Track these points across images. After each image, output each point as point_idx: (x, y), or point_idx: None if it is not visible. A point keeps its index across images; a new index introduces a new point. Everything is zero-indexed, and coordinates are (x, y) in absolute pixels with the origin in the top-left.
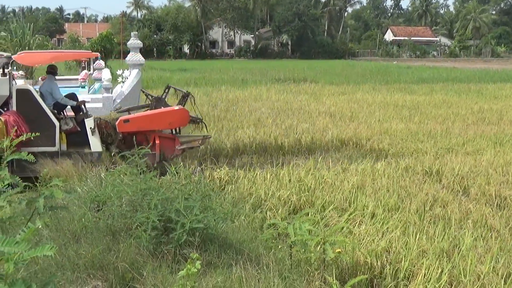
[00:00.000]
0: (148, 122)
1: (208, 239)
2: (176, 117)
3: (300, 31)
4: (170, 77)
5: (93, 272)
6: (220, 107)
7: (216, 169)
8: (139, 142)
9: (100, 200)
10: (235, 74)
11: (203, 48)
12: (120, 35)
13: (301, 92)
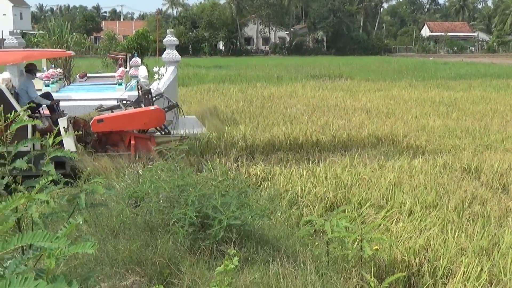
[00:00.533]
0: (122, 122)
1: (245, 235)
2: (152, 117)
3: (335, 27)
4: (206, 74)
5: (131, 267)
6: (255, 103)
7: (252, 166)
8: (114, 142)
9: (138, 196)
10: (270, 71)
11: (238, 45)
12: (156, 32)
13: (336, 89)
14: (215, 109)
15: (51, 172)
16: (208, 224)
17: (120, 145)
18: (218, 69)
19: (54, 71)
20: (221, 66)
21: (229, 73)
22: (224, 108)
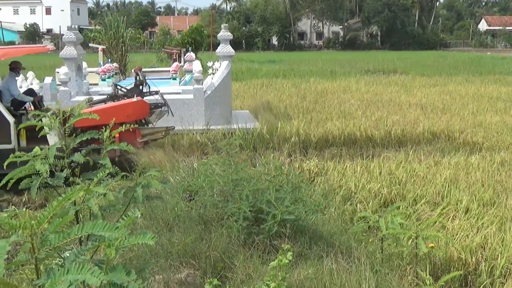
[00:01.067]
0: (105, 115)
1: (299, 230)
2: (135, 109)
3: (390, 22)
4: (259, 68)
5: (185, 260)
6: (308, 98)
7: (306, 161)
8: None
9: (192, 190)
10: (323, 66)
11: (292, 39)
12: (209, 27)
13: (391, 84)
14: (268, 104)
15: (107, 165)
16: (262, 218)
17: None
18: (271, 63)
19: (110, 66)
20: (274, 60)
21: (282, 68)
22: (277, 103)
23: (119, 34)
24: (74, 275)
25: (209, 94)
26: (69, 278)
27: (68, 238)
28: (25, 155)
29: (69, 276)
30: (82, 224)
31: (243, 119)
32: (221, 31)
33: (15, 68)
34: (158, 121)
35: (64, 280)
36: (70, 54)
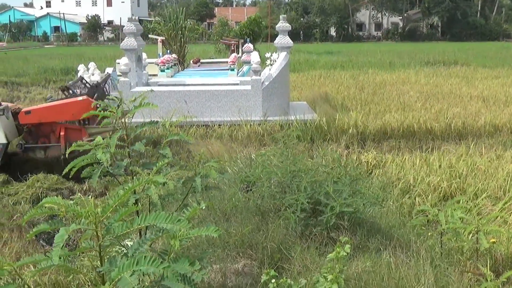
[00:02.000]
0: (50, 114)
1: (357, 223)
2: (80, 108)
3: (451, 12)
4: (317, 60)
5: (242, 250)
6: (367, 90)
7: (363, 153)
8: (46, 133)
9: (250, 181)
10: (382, 57)
11: (350, 30)
12: (267, 18)
13: (451, 76)
14: (326, 95)
15: (167, 154)
16: (319, 210)
17: (51, 137)
18: (329, 55)
19: (169, 57)
20: (332, 52)
21: (340, 59)
22: (335, 94)
23: (178, 26)
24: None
25: (267, 85)
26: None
27: (131, 228)
28: (87, 144)
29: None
30: (145, 214)
31: (301, 111)
32: (279, 22)
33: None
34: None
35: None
36: (131, 45)
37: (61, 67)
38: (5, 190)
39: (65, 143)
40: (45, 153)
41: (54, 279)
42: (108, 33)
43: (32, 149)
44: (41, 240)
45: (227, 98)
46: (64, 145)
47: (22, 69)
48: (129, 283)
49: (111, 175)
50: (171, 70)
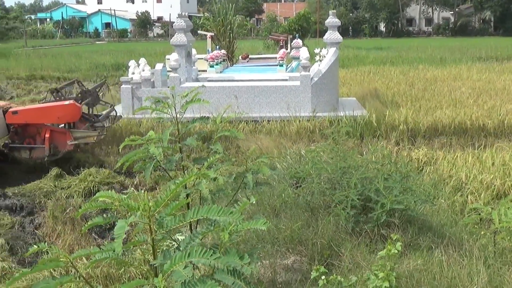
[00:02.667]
0: (36, 115)
1: (408, 220)
2: (66, 112)
3: (504, 7)
4: (366, 55)
5: (292, 246)
6: (417, 86)
7: (414, 150)
8: (31, 134)
9: (300, 177)
10: (433, 53)
11: (400, 26)
12: (316, 14)
13: (505, 71)
14: (376, 91)
15: (219, 150)
16: (369, 207)
17: (36, 138)
18: (379, 50)
19: (218, 53)
20: (382, 47)
21: (390, 54)
22: (385, 90)
23: (227, 21)
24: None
25: (316, 81)
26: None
27: (184, 222)
28: (140, 139)
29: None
30: (198, 208)
31: (350, 107)
32: (328, 17)
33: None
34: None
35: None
36: (180, 41)
37: (112, 63)
38: (58, 184)
39: (50, 145)
40: (30, 153)
41: (106, 272)
42: (158, 29)
43: (17, 149)
44: (93, 233)
45: (276, 94)
46: (48, 147)
47: (74, 65)
48: (182, 276)
49: (161, 170)
50: (220, 66)
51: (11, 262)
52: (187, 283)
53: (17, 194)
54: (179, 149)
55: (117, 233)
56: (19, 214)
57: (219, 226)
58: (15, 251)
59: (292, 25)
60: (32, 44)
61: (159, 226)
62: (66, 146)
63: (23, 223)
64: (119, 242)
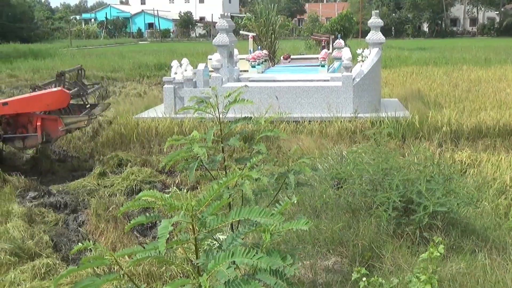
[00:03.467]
0: (25, 105)
1: (450, 223)
2: (55, 98)
3: None
4: (409, 56)
5: (332, 247)
6: (461, 87)
7: (457, 151)
8: (23, 124)
9: (341, 178)
10: (477, 53)
11: (443, 26)
12: (358, 14)
13: None
14: (419, 92)
15: (262, 150)
16: (411, 209)
17: (28, 127)
18: (422, 51)
19: (260, 53)
20: (425, 48)
21: (433, 55)
22: (428, 91)
23: (269, 22)
24: (239, 259)
25: (358, 82)
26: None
27: (226, 221)
28: (183, 138)
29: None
30: (240, 208)
31: (392, 107)
32: (371, 17)
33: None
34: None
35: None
36: (223, 41)
37: (154, 62)
38: (102, 182)
39: (42, 132)
40: (23, 143)
41: (148, 270)
42: (200, 29)
43: (11, 139)
44: (135, 231)
45: (318, 94)
46: (41, 135)
47: (118, 65)
48: (225, 275)
49: (203, 169)
50: (261, 66)
51: (55, 259)
52: (230, 282)
53: (61, 192)
54: (222, 149)
55: (161, 233)
56: (63, 211)
57: (260, 226)
58: (59, 248)
59: (334, 25)
60: (76, 44)
61: (201, 226)
62: (58, 133)
63: (67, 221)
64: (162, 242)
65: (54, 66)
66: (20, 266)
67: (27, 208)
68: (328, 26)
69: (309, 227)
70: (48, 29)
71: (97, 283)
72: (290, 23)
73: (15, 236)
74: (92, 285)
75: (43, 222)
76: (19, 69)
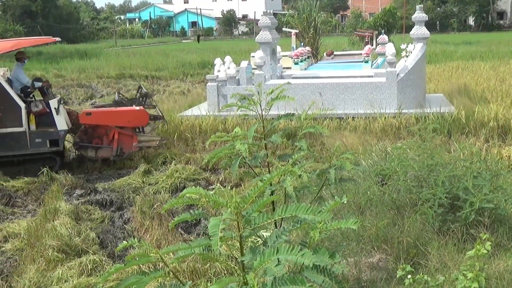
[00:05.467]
0: (108, 118)
1: (498, 219)
2: (136, 116)
3: None
4: (454, 50)
5: (377, 244)
6: (508, 81)
7: (505, 147)
8: (99, 135)
9: (385, 174)
10: None
11: (490, 19)
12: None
13: None
14: (465, 87)
15: (303, 147)
16: (458, 206)
17: (103, 139)
18: (467, 45)
19: (303, 49)
20: (471, 42)
21: (479, 49)
22: (474, 86)
23: (311, 18)
24: (284, 255)
25: (402, 77)
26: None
27: (272, 219)
28: (226, 136)
29: (279, 256)
30: (286, 205)
31: (437, 103)
32: (415, 12)
33: (21, 58)
34: None
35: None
36: (265, 38)
37: (198, 61)
38: (146, 180)
39: (117, 146)
40: (96, 153)
41: (192, 266)
42: (243, 27)
43: (85, 148)
44: (179, 228)
45: (361, 91)
46: (115, 148)
47: (162, 64)
48: (274, 272)
49: (246, 166)
50: (304, 63)
51: (101, 256)
52: (278, 280)
53: (107, 189)
54: (265, 146)
55: (212, 231)
56: (109, 209)
57: (306, 223)
58: (105, 245)
59: (378, 21)
60: (121, 44)
61: (246, 223)
62: (131, 148)
63: (113, 218)
64: (216, 240)
65: (100, 66)
66: (67, 263)
67: (74, 205)
68: (371, 21)
69: (358, 226)
70: (94, 30)
71: (143, 280)
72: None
73: (62, 233)
74: (139, 283)
75: (90, 219)
76: (66, 69)
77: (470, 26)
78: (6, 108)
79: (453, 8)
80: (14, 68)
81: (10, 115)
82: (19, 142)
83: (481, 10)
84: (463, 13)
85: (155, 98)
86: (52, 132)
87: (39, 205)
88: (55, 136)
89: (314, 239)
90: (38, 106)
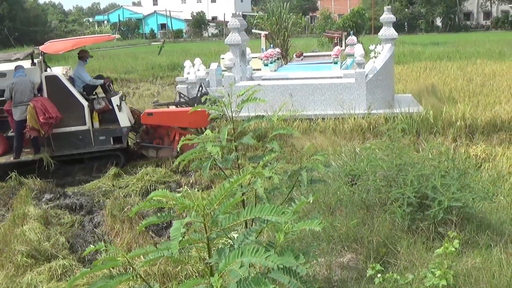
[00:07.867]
0: (169, 118)
1: (466, 218)
2: (197, 117)
3: None
4: (422, 51)
5: (347, 244)
6: (475, 81)
7: (472, 146)
8: (160, 135)
9: (355, 174)
10: (491, 47)
11: (457, 20)
12: (371, 10)
13: None
14: (432, 87)
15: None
16: (426, 204)
17: (164, 139)
18: (435, 46)
19: (272, 51)
20: (438, 43)
21: (447, 50)
22: (442, 86)
23: (281, 20)
24: (248, 258)
25: (371, 78)
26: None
27: (238, 220)
28: (196, 138)
29: (244, 258)
30: (251, 207)
31: (406, 103)
32: (383, 13)
33: (83, 56)
34: None
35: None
36: (235, 40)
37: (167, 63)
38: (116, 183)
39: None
40: (157, 153)
41: (163, 269)
42: (213, 29)
43: (146, 148)
44: (150, 231)
45: (331, 92)
46: (176, 149)
47: (131, 66)
48: (238, 275)
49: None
50: (274, 64)
51: (71, 260)
52: (242, 282)
53: (77, 193)
54: (235, 147)
55: (173, 235)
56: (79, 213)
57: (271, 224)
58: (75, 249)
59: (347, 22)
60: (90, 47)
61: (213, 224)
62: (190, 148)
63: (83, 222)
64: (175, 244)
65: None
66: (37, 268)
67: (43, 210)
68: (340, 23)
69: (323, 227)
70: (62, 32)
71: (109, 284)
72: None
73: (31, 238)
74: (106, 286)
75: (59, 224)
76: None
77: (438, 27)
78: (70, 107)
79: (420, 9)
80: (76, 66)
81: (73, 113)
82: (84, 141)
83: (448, 11)
84: (430, 14)
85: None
86: (116, 129)
87: (7, 210)
88: (118, 133)
89: (279, 240)
90: (100, 103)
